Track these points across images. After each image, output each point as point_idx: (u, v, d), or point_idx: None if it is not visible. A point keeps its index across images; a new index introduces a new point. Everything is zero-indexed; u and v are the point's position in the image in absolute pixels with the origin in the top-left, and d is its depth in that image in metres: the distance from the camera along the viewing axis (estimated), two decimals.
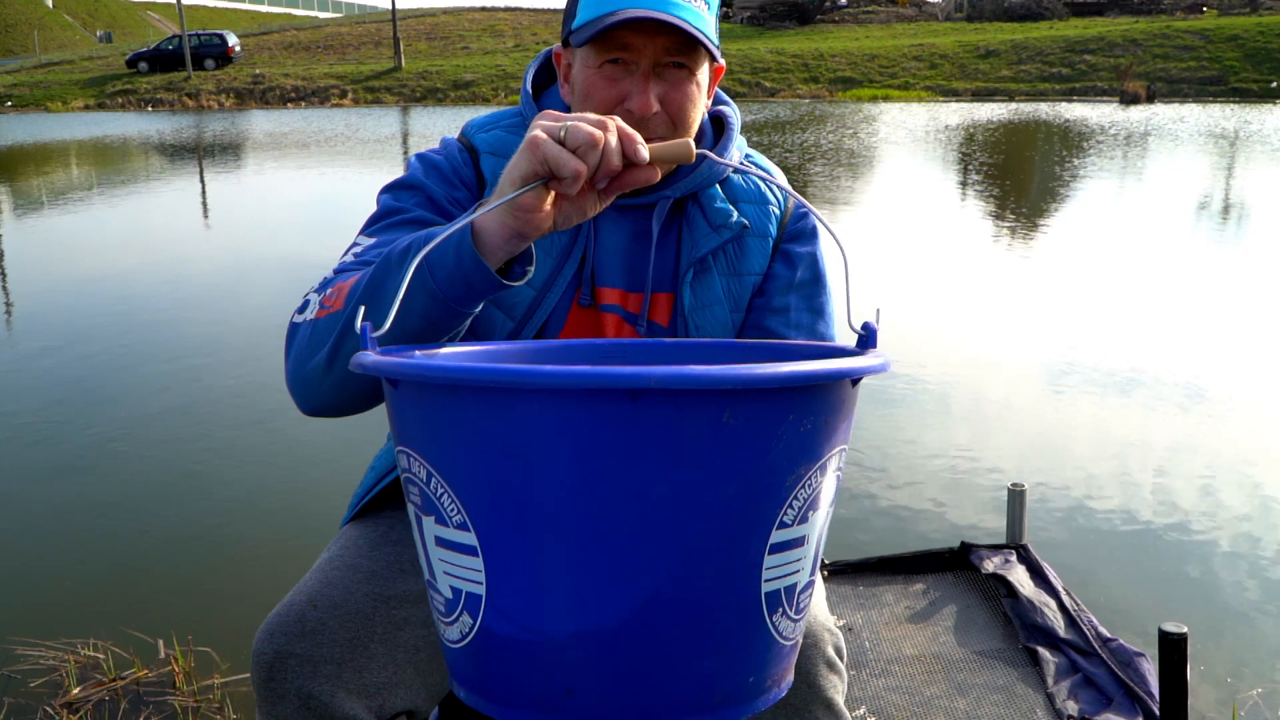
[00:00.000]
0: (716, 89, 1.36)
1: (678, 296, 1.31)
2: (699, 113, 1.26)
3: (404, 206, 1.27)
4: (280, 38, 44.17)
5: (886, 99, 30.07)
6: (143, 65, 37.45)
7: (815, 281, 1.37)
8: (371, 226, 1.27)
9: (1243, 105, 25.97)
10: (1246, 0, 39.85)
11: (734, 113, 1.39)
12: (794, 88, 32.43)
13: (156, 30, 59.65)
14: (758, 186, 1.37)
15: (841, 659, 1.22)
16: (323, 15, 73.89)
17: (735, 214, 1.32)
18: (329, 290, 1.15)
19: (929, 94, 30.75)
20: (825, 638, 1.19)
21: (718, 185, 1.34)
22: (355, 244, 1.26)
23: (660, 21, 1.16)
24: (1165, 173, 12.83)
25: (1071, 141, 16.88)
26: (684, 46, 1.20)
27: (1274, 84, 28.59)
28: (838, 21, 45.12)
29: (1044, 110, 24.79)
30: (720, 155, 1.29)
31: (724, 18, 48.90)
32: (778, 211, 1.37)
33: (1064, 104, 27.37)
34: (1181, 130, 18.65)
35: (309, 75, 34.95)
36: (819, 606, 1.23)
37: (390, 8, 39.09)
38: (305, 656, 1.16)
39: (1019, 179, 12.56)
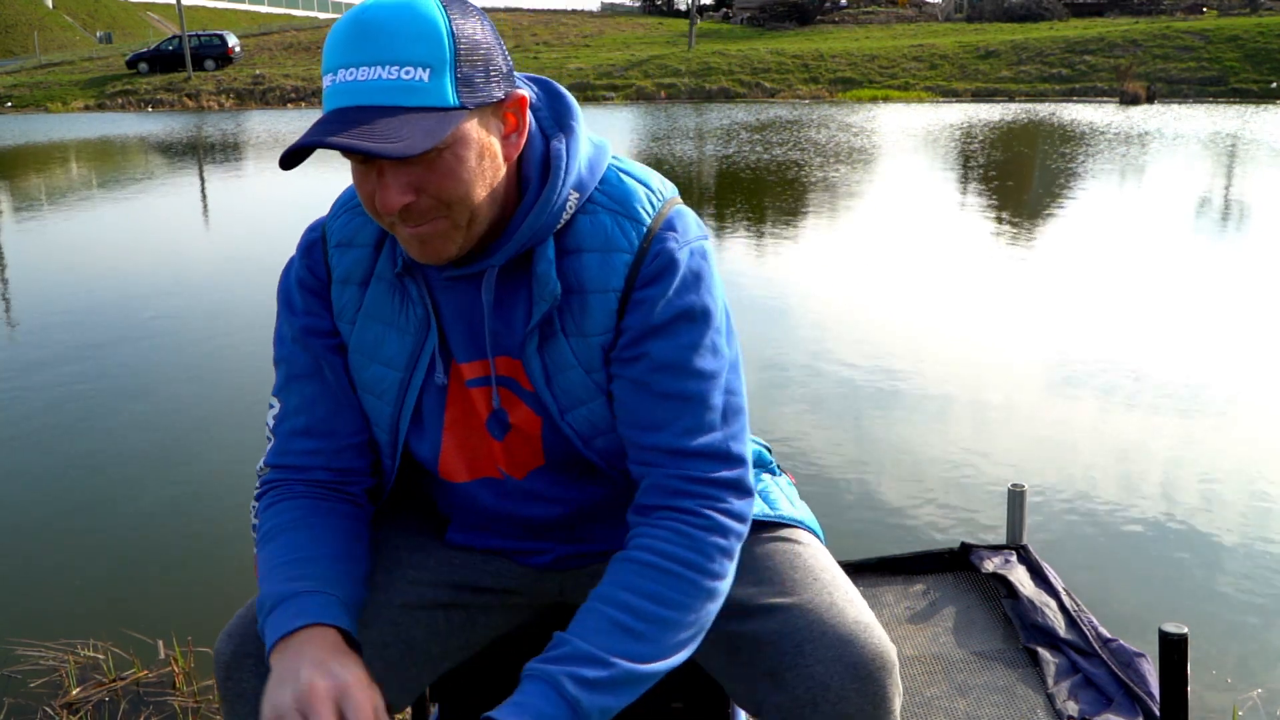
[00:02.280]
0: (557, 94, 1.22)
1: (525, 366, 1.21)
2: (480, 177, 1.10)
3: (289, 355, 1.29)
4: (280, 38, 44.17)
5: (886, 99, 30.08)
6: (143, 66, 37.48)
7: (678, 319, 1.16)
8: (276, 383, 1.31)
9: (1243, 105, 25.98)
10: (1246, 0, 39.85)
11: (568, 145, 1.18)
12: (794, 88, 32.43)
13: (156, 31, 59.65)
14: (606, 229, 1.17)
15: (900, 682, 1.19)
16: (323, 15, 73.88)
17: (553, 282, 1.16)
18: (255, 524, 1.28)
19: (929, 94, 30.76)
20: (893, 660, 1.16)
21: (553, 238, 1.17)
22: (271, 405, 1.31)
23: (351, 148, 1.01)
24: (1165, 173, 12.84)
25: (1071, 142, 16.88)
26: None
27: (1274, 84, 28.59)
28: (838, 22, 45.13)
29: (1044, 111, 24.80)
30: (545, 208, 1.14)
31: (724, 18, 48.74)
32: (629, 256, 1.16)
33: (1064, 104, 27.37)
34: (1183, 130, 18.66)
35: (309, 76, 34.95)
36: (880, 629, 1.19)
37: None
38: (261, 657, 1.18)
39: (1019, 179, 12.56)
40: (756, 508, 1.28)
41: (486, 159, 1.11)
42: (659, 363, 1.16)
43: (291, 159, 1.05)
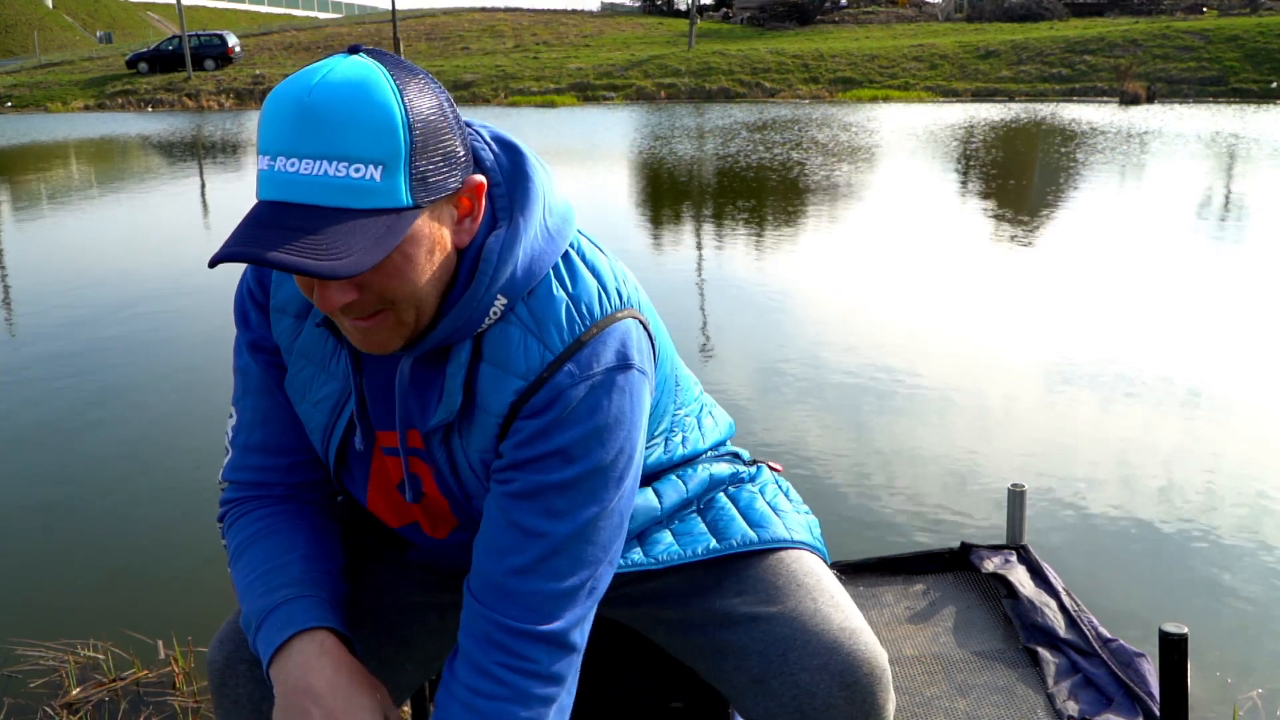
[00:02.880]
0: (522, 160, 1.12)
1: (431, 461, 1.17)
2: (423, 271, 1.02)
3: (244, 367, 1.27)
4: (280, 38, 44.18)
5: (886, 99, 30.07)
6: (143, 66, 37.48)
7: (554, 456, 1.08)
8: (234, 391, 1.30)
9: (1243, 105, 25.97)
10: (1246, 0, 39.85)
11: (509, 239, 1.07)
12: (794, 88, 32.42)
13: (156, 30, 59.67)
14: (510, 350, 1.09)
15: (891, 686, 1.19)
16: (323, 16, 73.89)
17: (454, 395, 1.10)
18: (225, 538, 1.29)
19: (929, 94, 30.75)
20: (882, 665, 1.16)
21: (470, 341, 1.10)
22: (230, 414, 1.30)
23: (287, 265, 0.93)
24: (1165, 172, 12.83)
25: (1071, 142, 16.88)
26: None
27: (1274, 84, 28.59)
28: (838, 22, 45.13)
29: (1044, 111, 24.80)
30: (464, 311, 1.07)
31: (724, 18, 48.73)
32: (521, 383, 1.08)
33: (1064, 104, 27.37)
34: (1183, 129, 18.65)
35: None
36: (869, 633, 1.18)
37: (390, 8, 39.10)
38: (255, 661, 1.18)
39: (1019, 178, 12.56)
40: (746, 537, 1.28)
41: (437, 252, 1.03)
42: (520, 490, 1.09)
43: (222, 261, 0.96)
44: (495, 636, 1.08)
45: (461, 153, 1.03)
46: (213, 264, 0.97)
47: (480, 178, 1.05)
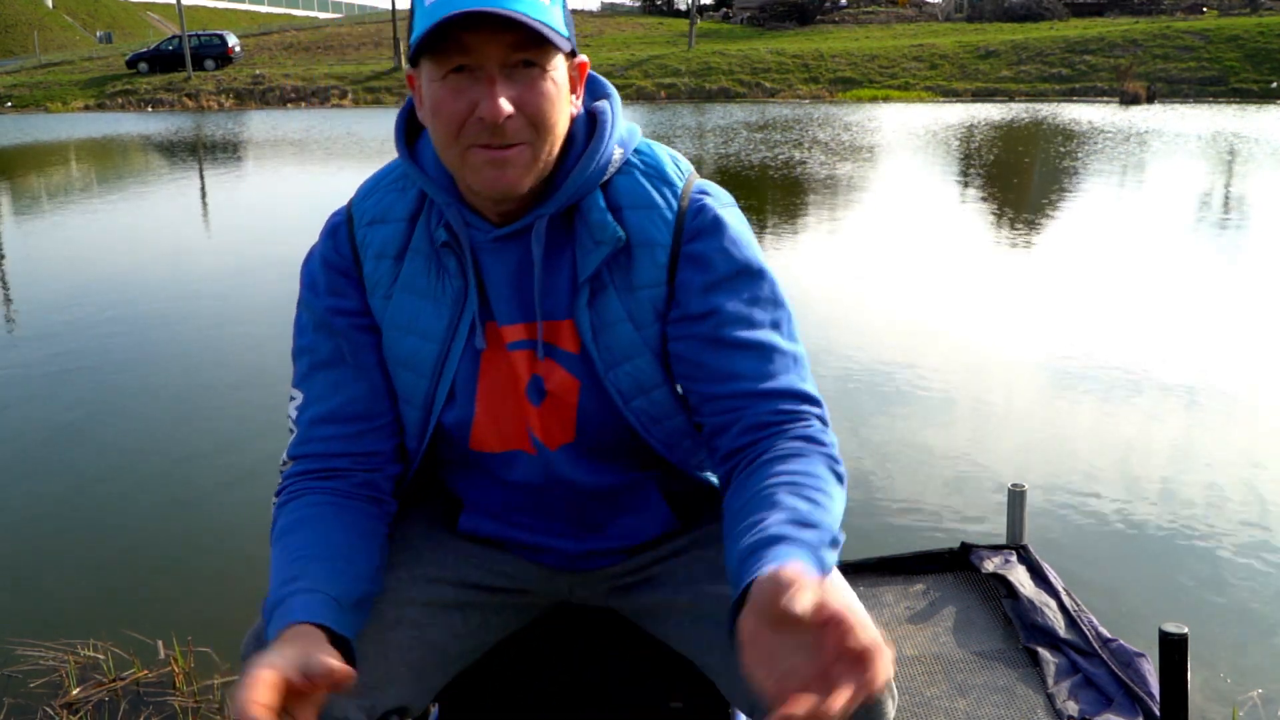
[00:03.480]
0: (598, 79, 1.27)
1: (576, 321, 1.22)
2: (561, 113, 1.15)
3: (311, 344, 1.28)
4: (280, 38, 44.18)
5: (887, 99, 30.08)
6: (143, 66, 37.47)
7: (739, 274, 1.21)
8: (295, 375, 1.30)
9: (1243, 105, 25.98)
10: (1246, 0, 39.85)
11: (611, 106, 1.25)
12: (794, 88, 32.43)
13: (156, 30, 59.66)
14: (645, 188, 1.22)
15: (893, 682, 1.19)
16: (323, 15, 73.88)
17: (611, 226, 1.19)
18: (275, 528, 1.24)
19: (929, 94, 30.76)
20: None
21: (600, 190, 1.21)
22: (293, 396, 1.30)
23: (496, 17, 1.07)
24: (1165, 172, 12.84)
25: (1071, 142, 16.88)
26: (530, 42, 1.10)
27: (1274, 84, 28.59)
28: (838, 22, 45.13)
29: (1044, 110, 24.80)
30: (594, 156, 1.19)
31: (724, 18, 48.70)
32: (669, 214, 1.21)
33: (1064, 104, 27.37)
34: (1183, 129, 18.65)
35: (309, 76, 34.96)
36: (873, 629, 1.18)
37: (390, 8, 39.10)
38: None
39: (1019, 178, 12.56)
40: None
41: (565, 100, 1.16)
42: (729, 317, 1.20)
43: (436, 35, 1.07)
44: (779, 420, 1.19)
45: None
46: (440, 33, 1.07)
47: (584, 57, 1.20)
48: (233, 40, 38.77)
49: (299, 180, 13.71)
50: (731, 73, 33.66)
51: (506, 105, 1.10)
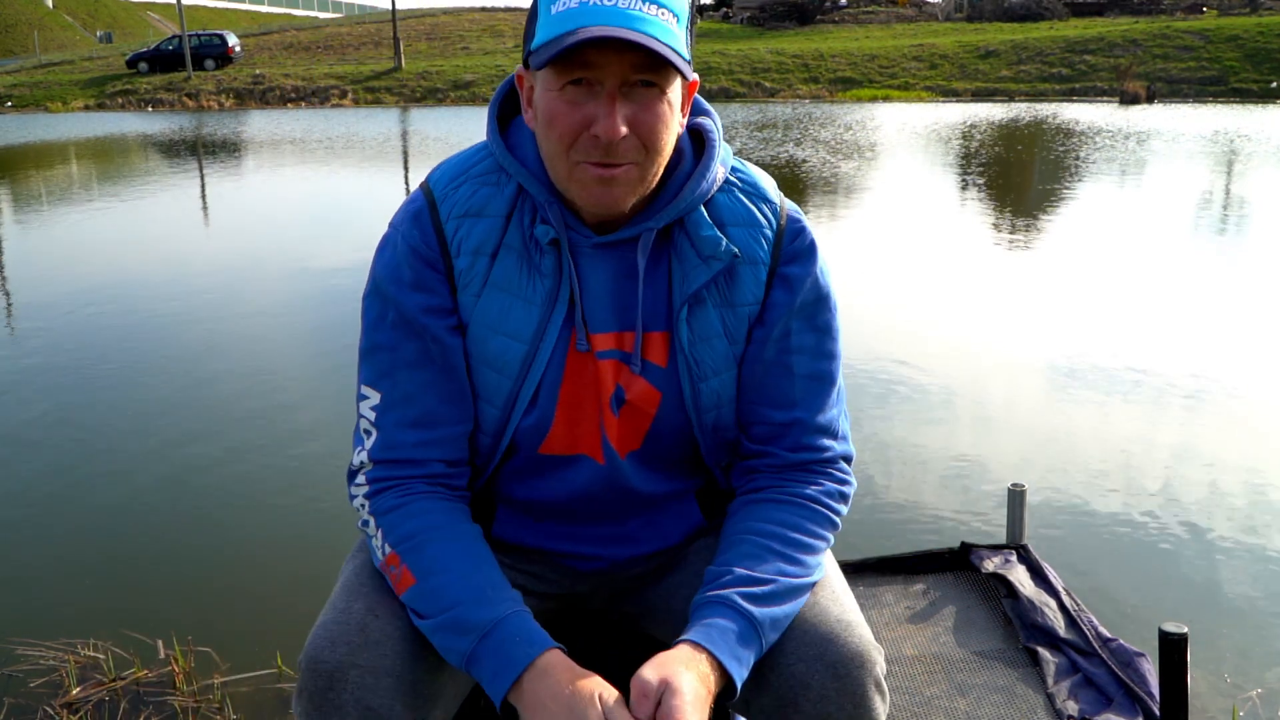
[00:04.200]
0: (695, 97, 1.29)
1: (674, 334, 1.23)
2: (672, 134, 1.17)
3: (391, 341, 1.23)
4: (280, 38, 44.18)
5: (887, 99, 30.07)
6: (143, 65, 37.48)
7: (818, 301, 1.27)
8: (369, 371, 1.25)
9: (1243, 105, 25.97)
10: (1246, 0, 39.85)
11: (714, 124, 1.29)
12: (794, 88, 32.43)
13: (156, 30, 59.67)
14: (746, 206, 1.25)
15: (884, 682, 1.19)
16: (323, 15, 73.90)
17: (724, 242, 1.22)
18: (385, 554, 1.20)
19: (929, 94, 30.76)
20: (875, 659, 1.16)
21: (703, 208, 1.23)
22: (364, 396, 1.25)
23: (626, 41, 1.08)
24: (1165, 171, 12.83)
25: (1072, 141, 16.88)
26: (652, 64, 1.11)
27: (1274, 84, 28.59)
28: (838, 22, 45.12)
29: (1044, 110, 24.80)
30: (704, 175, 1.22)
31: (724, 18, 48.69)
32: (770, 233, 1.25)
33: (1064, 104, 27.37)
34: (1183, 129, 18.65)
35: (309, 76, 34.96)
36: (865, 628, 1.19)
37: (390, 8, 39.11)
38: (369, 668, 1.12)
39: (1019, 177, 12.56)
40: None
41: (676, 121, 1.19)
42: (801, 343, 1.26)
43: (569, 52, 1.09)
44: (808, 459, 1.26)
45: None
46: (568, 50, 1.09)
47: (696, 76, 1.21)
48: (233, 40, 38.78)
49: (299, 180, 13.70)
50: (731, 72, 33.66)
51: (623, 126, 1.11)
